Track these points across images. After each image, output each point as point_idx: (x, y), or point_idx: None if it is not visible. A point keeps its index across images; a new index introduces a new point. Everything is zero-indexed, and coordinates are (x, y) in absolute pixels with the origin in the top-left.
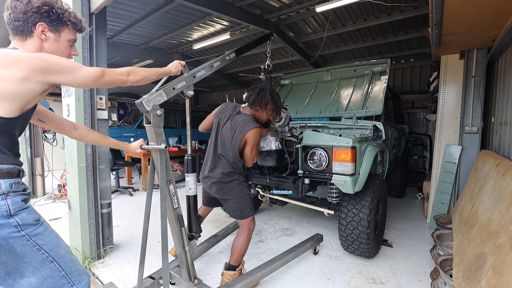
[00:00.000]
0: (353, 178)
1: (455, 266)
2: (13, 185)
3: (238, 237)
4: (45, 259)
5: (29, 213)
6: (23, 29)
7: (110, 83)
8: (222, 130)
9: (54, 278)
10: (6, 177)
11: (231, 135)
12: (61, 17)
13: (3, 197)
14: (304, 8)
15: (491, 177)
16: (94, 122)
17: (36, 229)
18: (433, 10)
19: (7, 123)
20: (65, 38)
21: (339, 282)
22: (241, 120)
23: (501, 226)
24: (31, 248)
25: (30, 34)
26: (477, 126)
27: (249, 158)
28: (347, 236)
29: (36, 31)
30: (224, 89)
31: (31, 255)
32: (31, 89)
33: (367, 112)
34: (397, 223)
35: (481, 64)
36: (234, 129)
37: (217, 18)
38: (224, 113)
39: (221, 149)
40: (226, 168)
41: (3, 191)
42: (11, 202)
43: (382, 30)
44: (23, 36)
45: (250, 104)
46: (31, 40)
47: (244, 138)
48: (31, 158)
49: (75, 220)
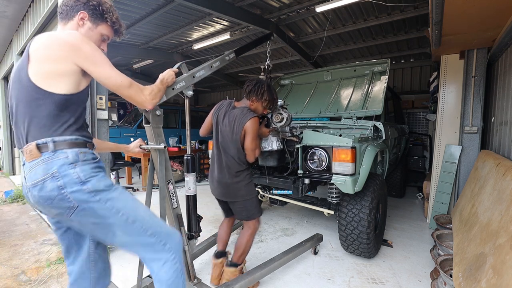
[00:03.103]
0: (353, 178)
1: (455, 266)
2: (79, 155)
3: (243, 235)
4: (126, 220)
5: (98, 180)
6: (68, 13)
7: (129, 97)
8: (222, 128)
9: (143, 237)
10: (72, 146)
11: (231, 130)
12: (103, 14)
13: (72, 166)
14: (304, 8)
15: (491, 177)
16: (94, 122)
17: (109, 194)
18: (433, 10)
19: (68, 99)
20: (100, 31)
21: (339, 282)
22: (237, 113)
23: (501, 226)
24: (110, 210)
25: (71, 19)
26: (477, 126)
27: (250, 150)
28: (347, 236)
29: (76, 17)
30: (224, 89)
31: (114, 217)
32: (73, 68)
33: (367, 112)
34: (397, 223)
35: (481, 64)
36: (233, 123)
37: (217, 18)
38: (221, 111)
39: (225, 147)
40: (233, 168)
41: (71, 160)
42: (80, 170)
43: (382, 30)
44: (66, 20)
45: (246, 95)
46: (70, 24)
47: (244, 129)
48: None
49: None
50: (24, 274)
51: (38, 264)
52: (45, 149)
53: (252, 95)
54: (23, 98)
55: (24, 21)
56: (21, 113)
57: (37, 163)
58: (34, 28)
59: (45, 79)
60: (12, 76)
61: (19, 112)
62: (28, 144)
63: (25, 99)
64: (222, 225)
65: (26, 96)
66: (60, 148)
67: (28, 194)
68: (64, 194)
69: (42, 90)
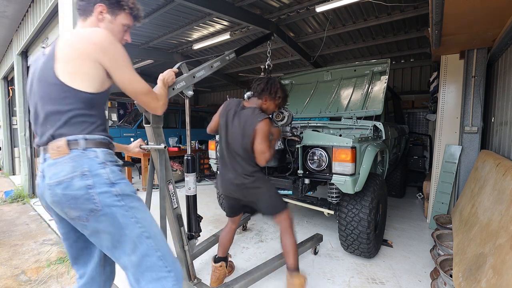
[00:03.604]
0: (353, 178)
1: (455, 266)
2: (107, 155)
3: (284, 238)
4: (142, 233)
5: (127, 185)
6: (85, 8)
7: (145, 103)
8: (232, 129)
9: (152, 258)
10: (101, 146)
11: (241, 133)
12: (120, 2)
13: (103, 166)
14: (304, 8)
15: (491, 177)
16: None
17: (133, 202)
18: (433, 10)
19: (94, 98)
20: (120, 21)
21: (339, 282)
22: (248, 114)
23: (501, 226)
24: (129, 219)
25: (90, 14)
26: (477, 126)
27: (259, 153)
28: (347, 236)
29: (95, 11)
30: (224, 89)
31: (131, 227)
32: (98, 68)
33: (367, 112)
34: (397, 223)
35: (481, 64)
36: (243, 125)
37: (217, 18)
38: (229, 111)
39: (235, 150)
40: (247, 169)
41: (101, 160)
42: (110, 171)
43: (382, 30)
44: (85, 16)
45: (258, 94)
46: (90, 19)
47: (254, 131)
48: (31, 158)
49: None
50: (24, 274)
51: (38, 264)
52: (75, 146)
53: (265, 94)
54: (50, 96)
55: (24, 21)
56: (46, 111)
57: (65, 160)
58: (34, 28)
59: (72, 77)
60: (35, 75)
61: (44, 110)
62: (55, 140)
63: (52, 97)
64: (225, 229)
65: (53, 94)
66: (90, 146)
67: (47, 193)
68: (91, 194)
69: (70, 87)
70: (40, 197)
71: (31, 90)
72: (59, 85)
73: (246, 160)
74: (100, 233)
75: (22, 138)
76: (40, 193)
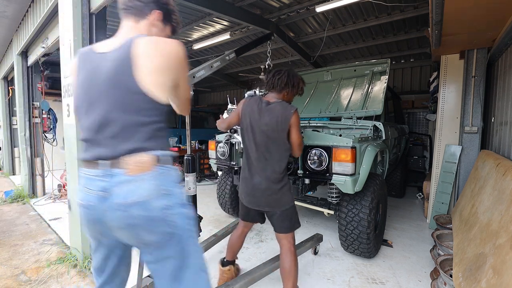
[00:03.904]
0: (353, 178)
1: (455, 266)
2: (178, 173)
3: (286, 259)
4: (202, 266)
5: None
6: (141, 9)
7: (187, 108)
8: (261, 127)
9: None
10: (171, 163)
11: (275, 128)
12: (171, 14)
13: (177, 185)
14: (304, 8)
15: (491, 177)
16: None
17: (194, 227)
18: (433, 10)
19: (167, 111)
20: (167, 33)
21: (339, 282)
22: (278, 108)
23: (501, 226)
24: (194, 247)
25: (144, 17)
26: (477, 126)
27: (298, 144)
28: (347, 236)
29: (151, 16)
30: (224, 89)
31: (194, 256)
32: (174, 80)
33: (367, 112)
34: (397, 223)
35: (481, 64)
36: (276, 119)
37: (217, 18)
38: (252, 110)
39: (265, 149)
40: (278, 171)
41: (176, 178)
42: (181, 191)
43: (382, 30)
44: (138, 17)
45: (281, 88)
46: (143, 22)
47: (289, 124)
48: (31, 158)
49: (75, 220)
50: (24, 274)
51: (38, 264)
52: (156, 162)
53: (288, 87)
54: (130, 105)
55: (24, 21)
56: (125, 121)
57: (147, 177)
58: (34, 28)
59: (155, 89)
60: (101, 77)
61: (122, 119)
62: (136, 154)
63: (134, 107)
64: (236, 232)
65: (135, 104)
66: (167, 163)
67: (115, 215)
68: (168, 215)
69: (154, 99)
70: (94, 221)
71: (88, 91)
72: (142, 95)
73: (276, 161)
74: (166, 261)
75: (22, 138)
76: (96, 217)
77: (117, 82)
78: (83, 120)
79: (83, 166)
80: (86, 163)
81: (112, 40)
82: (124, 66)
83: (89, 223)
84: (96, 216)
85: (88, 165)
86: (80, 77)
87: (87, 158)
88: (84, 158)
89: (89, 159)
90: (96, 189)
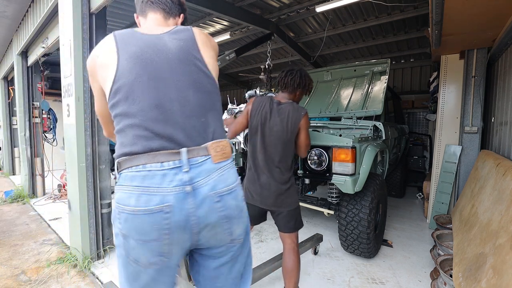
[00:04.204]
0: (353, 178)
1: (455, 266)
2: None
3: (290, 257)
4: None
5: None
6: (172, 8)
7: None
8: (271, 127)
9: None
10: None
11: (285, 130)
12: (186, 19)
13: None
14: (304, 8)
15: (491, 177)
16: (94, 122)
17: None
18: (433, 10)
19: None
20: None
21: (339, 282)
22: (289, 109)
23: (501, 226)
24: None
25: (173, 16)
26: (477, 126)
27: (306, 145)
28: (347, 236)
29: (178, 18)
30: (224, 89)
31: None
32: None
33: (367, 112)
34: (397, 223)
35: (481, 64)
36: (286, 120)
37: (217, 18)
38: (263, 109)
39: (273, 149)
40: (284, 172)
41: None
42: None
43: (382, 30)
44: (168, 15)
45: (293, 88)
46: (172, 21)
47: (299, 126)
48: (31, 158)
49: (75, 220)
50: (24, 274)
51: (38, 264)
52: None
53: (299, 88)
54: (199, 84)
55: (24, 21)
56: (204, 103)
57: (228, 165)
58: (34, 28)
59: (215, 75)
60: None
61: (201, 101)
62: (219, 140)
63: (207, 89)
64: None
65: (208, 87)
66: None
67: (208, 208)
68: (244, 204)
69: (216, 84)
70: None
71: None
72: (211, 78)
73: (284, 162)
74: (237, 259)
75: (22, 138)
76: (178, 221)
77: (189, 60)
78: (140, 98)
79: (138, 161)
80: (151, 156)
81: (147, 28)
82: (193, 47)
83: (162, 235)
84: (177, 221)
85: (155, 158)
86: (128, 53)
87: (155, 147)
88: (150, 148)
89: (160, 148)
90: (177, 184)
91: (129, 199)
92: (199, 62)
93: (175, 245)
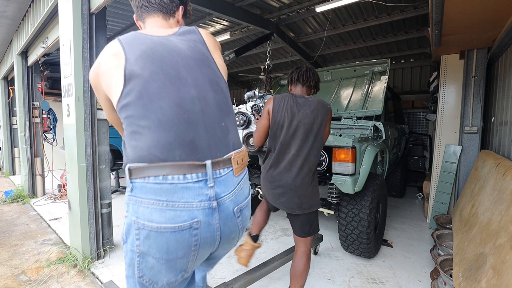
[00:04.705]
0: (353, 178)
1: (455, 266)
2: None
3: (300, 261)
4: None
5: None
6: (170, 7)
7: None
8: (301, 119)
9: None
10: None
11: (316, 121)
12: (188, 9)
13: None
14: (304, 8)
15: (491, 177)
16: (94, 122)
17: None
18: (433, 10)
19: None
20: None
21: (339, 282)
22: (316, 101)
23: (501, 226)
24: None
25: (173, 14)
26: (477, 126)
27: (327, 137)
28: (347, 236)
29: (178, 12)
30: None
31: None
32: None
33: (367, 112)
34: (397, 223)
35: (481, 64)
36: (316, 112)
37: (217, 18)
38: (288, 104)
39: (303, 143)
40: (312, 168)
41: None
42: None
43: (382, 30)
44: (167, 15)
45: (314, 83)
46: (172, 20)
47: (327, 118)
48: (31, 158)
49: (75, 220)
50: (24, 274)
51: (38, 264)
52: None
53: (318, 83)
54: (215, 84)
55: (24, 21)
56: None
57: (245, 176)
58: (34, 28)
59: (225, 76)
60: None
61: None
62: (239, 151)
63: (218, 89)
64: (262, 207)
65: (221, 87)
66: None
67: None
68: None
69: (227, 85)
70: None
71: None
72: (224, 80)
73: (314, 155)
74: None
75: (22, 138)
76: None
77: (202, 60)
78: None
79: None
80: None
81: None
82: (204, 48)
83: (189, 252)
84: (205, 237)
85: (179, 169)
86: (137, 52)
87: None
88: (172, 156)
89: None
90: (203, 199)
91: (151, 215)
92: (212, 63)
93: (198, 260)
